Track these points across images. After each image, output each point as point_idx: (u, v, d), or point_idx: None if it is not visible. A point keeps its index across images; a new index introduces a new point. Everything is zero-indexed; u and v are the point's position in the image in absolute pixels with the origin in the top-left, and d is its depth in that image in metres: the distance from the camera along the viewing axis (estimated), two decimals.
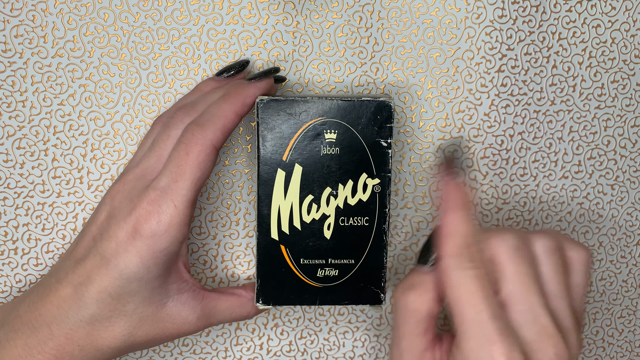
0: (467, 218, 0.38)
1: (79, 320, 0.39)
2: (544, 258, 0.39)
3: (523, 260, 0.38)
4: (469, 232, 0.38)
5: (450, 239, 0.38)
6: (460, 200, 0.39)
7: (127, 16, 0.44)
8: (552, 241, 0.40)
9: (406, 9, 0.45)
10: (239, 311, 0.43)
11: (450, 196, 0.39)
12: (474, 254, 0.37)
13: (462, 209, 0.38)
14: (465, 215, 0.38)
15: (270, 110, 0.40)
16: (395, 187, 0.47)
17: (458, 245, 0.37)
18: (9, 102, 0.45)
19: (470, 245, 0.38)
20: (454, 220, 0.38)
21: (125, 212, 0.39)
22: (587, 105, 0.48)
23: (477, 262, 0.37)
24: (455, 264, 0.37)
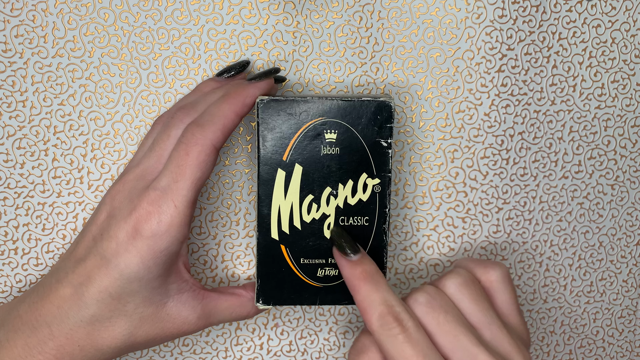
0: (374, 287, 0.38)
1: (79, 320, 0.39)
2: (458, 296, 0.39)
3: (438, 311, 0.38)
4: (382, 298, 0.38)
5: (368, 314, 0.38)
6: (361, 274, 0.39)
7: (127, 16, 0.44)
8: (459, 277, 0.40)
9: (406, 9, 0.45)
10: (239, 311, 0.43)
11: (350, 276, 0.39)
12: (398, 314, 0.37)
13: (366, 281, 0.38)
14: (371, 285, 0.38)
15: (271, 110, 0.40)
16: (395, 187, 0.47)
17: (378, 316, 0.37)
18: (9, 102, 0.45)
19: (391, 308, 0.37)
20: (363, 296, 0.38)
21: (125, 212, 0.39)
22: (587, 105, 0.48)
23: (404, 322, 0.37)
24: (382, 334, 0.37)
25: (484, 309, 0.39)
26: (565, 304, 0.50)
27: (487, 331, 0.39)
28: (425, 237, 0.48)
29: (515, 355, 0.38)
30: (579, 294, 0.50)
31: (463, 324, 0.38)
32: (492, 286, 0.41)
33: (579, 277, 0.50)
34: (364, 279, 0.38)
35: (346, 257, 0.40)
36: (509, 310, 0.41)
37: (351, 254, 0.40)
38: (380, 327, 0.37)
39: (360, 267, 0.39)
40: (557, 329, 0.51)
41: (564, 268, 0.50)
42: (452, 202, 0.48)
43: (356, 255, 0.40)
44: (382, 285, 0.38)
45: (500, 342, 0.38)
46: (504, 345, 0.38)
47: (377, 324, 0.37)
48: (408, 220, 0.48)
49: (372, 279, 0.38)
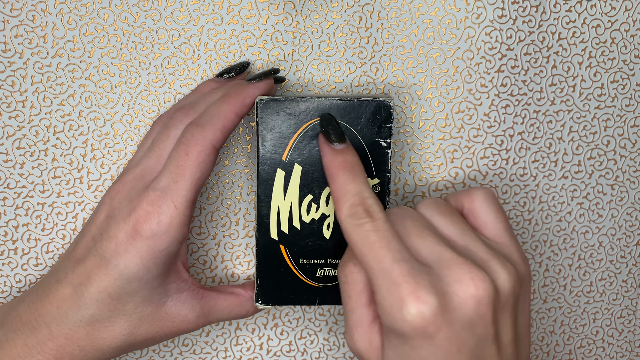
0: (351, 177, 0.37)
1: (79, 321, 0.39)
2: (429, 212, 0.38)
3: (406, 217, 0.37)
4: (357, 189, 0.37)
5: (340, 203, 0.37)
6: (341, 163, 0.38)
7: (127, 16, 0.44)
8: (432, 199, 0.39)
9: (406, 9, 0.45)
10: (237, 310, 0.43)
11: (330, 163, 0.38)
12: (369, 207, 0.36)
13: (344, 171, 0.38)
14: (349, 175, 0.37)
15: (270, 110, 0.40)
16: (395, 187, 0.47)
17: (349, 205, 0.36)
18: (8, 102, 0.45)
19: (364, 199, 0.37)
20: (339, 185, 0.37)
21: (125, 213, 0.39)
22: (587, 105, 0.47)
23: (374, 214, 0.36)
24: (350, 223, 0.36)
25: (455, 222, 0.38)
26: (565, 304, 0.50)
27: (460, 241, 0.37)
28: None
29: (492, 262, 0.36)
30: (578, 294, 0.50)
31: (430, 228, 0.37)
32: (474, 206, 0.40)
33: (579, 277, 0.50)
34: (343, 168, 0.38)
35: (330, 144, 0.39)
36: (494, 230, 0.39)
37: (336, 142, 0.39)
38: (349, 217, 0.36)
39: (342, 157, 0.38)
40: (557, 329, 0.51)
41: (563, 268, 0.50)
42: None
43: (341, 145, 0.39)
44: (359, 178, 0.37)
45: (473, 251, 0.37)
46: (477, 253, 0.37)
47: (346, 213, 0.36)
48: None
49: (352, 170, 0.38)
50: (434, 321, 0.34)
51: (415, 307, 0.34)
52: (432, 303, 0.34)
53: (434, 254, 0.36)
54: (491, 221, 0.39)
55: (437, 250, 0.36)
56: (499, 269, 0.36)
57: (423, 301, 0.34)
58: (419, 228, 0.37)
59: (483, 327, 0.35)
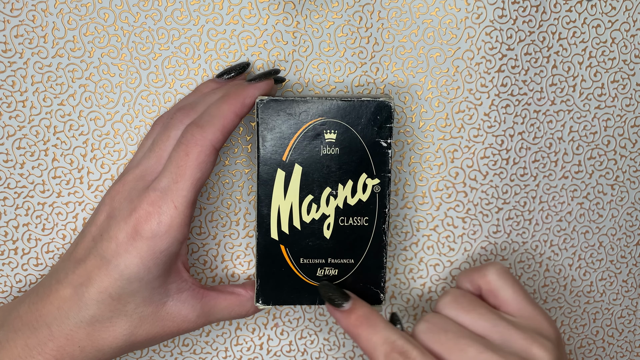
0: (372, 329, 0.39)
1: (80, 321, 0.39)
2: (453, 312, 0.39)
3: (439, 332, 0.38)
4: (383, 338, 0.38)
5: (374, 357, 0.38)
6: (356, 320, 0.39)
7: (127, 16, 0.44)
8: (449, 295, 0.40)
9: (406, 9, 0.45)
10: (238, 310, 0.43)
11: (347, 326, 0.40)
12: (402, 349, 0.37)
13: (363, 327, 0.39)
14: (369, 327, 0.39)
15: (270, 110, 0.40)
16: (395, 187, 0.47)
17: (384, 356, 0.38)
18: (9, 102, 0.45)
19: (394, 344, 0.38)
20: (365, 341, 0.39)
21: (125, 213, 0.39)
22: (587, 105, 0.47)
23: (408, 353, 0.37)
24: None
25: (483, 315, 0.39)
26: (565, 304, 0.50)
27: (495, 335, 0.38)
28: (425, 237, 0.48)
29: (533, 347, 0.37)
30: (578, 294, 0.50)
31: (467, 336, 0.38)
32: (492, 286, 0.41)
33: (579, 277, 0.50)
34: (360, 324, 0.39)
35: (339, 308, 0.40)
36: (516, 304, 0.40)
37: (343, 303, 0.40)
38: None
39: (354, 314, 0.39)
40: None
41: (563, 268, 0.50)
42: (452, 202, 0.48)
43: (348, 303, 0.40)
44: (380, 325, 0.39)
45: (511, 341, 0.38)
46: (516, 342, 0.38)
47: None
48: (408, 221, 0.48)
49: (369, 322, 0.39)
50: None
51: None
52: None
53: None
54: (512, 297, 0.40)
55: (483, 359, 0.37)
56: (542, 353, 0.37)
57: None
58: (456, 341, 0.38)
59: None
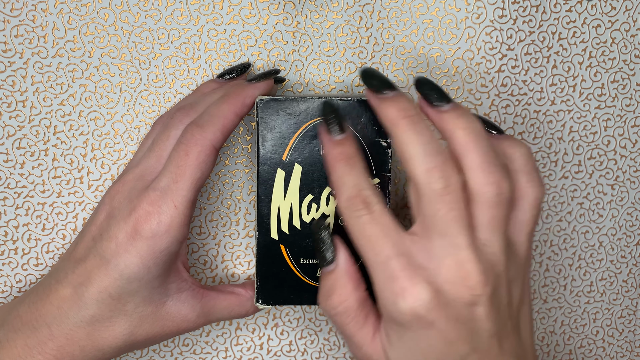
0: (348, 169, 0.37)
1: (79, 321, 0.39)
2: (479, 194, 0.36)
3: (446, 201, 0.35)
4: (354, 181, 0.37)
5: (338, 194, 0.37)
6: (339, 154, 0.37)
7: (127, 16, 0.44)
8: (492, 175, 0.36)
9: (406, 9, 0.45)
10: (237, 310, 0.43)
11: (329, 154, 0.38)
12: (366, 198, 0.36)
13: (342, 162, 0.37)
14: (346, 166, 0.37)
15: (270, 110, 0.40)
16: (395, 187, 0.47)
17: (347, 197, 0.36)
18: (9, 102, 0.45)
19: (361, 191, 0.36)
20: (337, 176, 0.37)
21: (125, 213, 0.39)
22: (587, 105, 0.48)
23: (371, 205, 0.36)
24: (348, 215, 0.36)
25: (495, 216, 0.36)
26: (565, 304, 0.50)
27: (482, 234, 0.36)
28: None
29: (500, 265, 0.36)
30: (579, 294, 0.50)
31: (464, 220, 0.35)
32: (522, 201, 0.38)
33: (579, 277, 0.50)
34: (340, 159, 0.37)
35: (330, 134, 0.38)
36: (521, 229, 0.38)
37: (335, 133, 0.38)
38: (347, 209, 0.36)
39: (340, 148, 0.38)
40: (557, 329, 0.51)
41: (564, 268, 0.50)
42: None
43: (340, 135, 0.38)
44: (357, 169, 0.37)
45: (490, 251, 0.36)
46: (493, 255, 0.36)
47: (345, 204, 0.36)
48: (408, 220, 0.48)
49: (349, 161, 0.37)
50: (427, 315, 0.34)
51: (411, 301, 0.34)
52: (426, 298, 0.34)
53: (450, 248, 0.35)
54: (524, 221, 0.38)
55: (455, 248, 0.35)
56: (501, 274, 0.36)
57: (417, 297, 0.34)
58: (448, 224, 0.35)
59: (478, 322, 0.35)
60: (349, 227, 0.36)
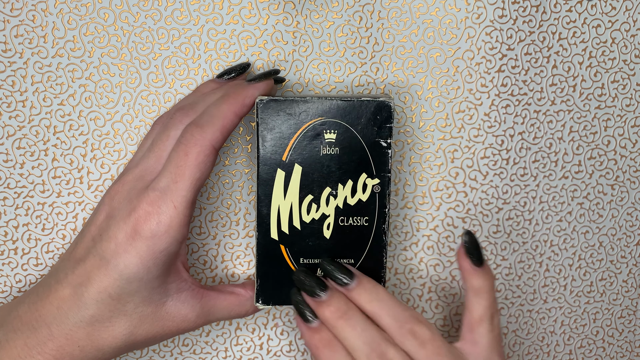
0: (332, 352, 0.40)
1: (79, 321, 0.39)
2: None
3: None
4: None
5: None
6: (319, 342, 0.40)
7: (127, 16, 0.44)
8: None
9: (406, 9, 0.45)
10: (237, 310, 0.43)
11: (309, 343, 0.41)
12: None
13: (325, 348, 0.40)
14: (330, 351, 0.40)
15: (270, 110, 0.40)
16: (395, 187, 0.47)
17: None
18: (9, 102, 0.45)
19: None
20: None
21: (124, 213, 0.39)
22: (587, 105, 0.47)
23: None
24: None
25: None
26: (565, 304, 0.50)
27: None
28: (425, 237, 0.48)
29: None
30: (579, 294, 0.50)
31: None
32: (478, 327, 0.42)
33: (579, 277, 0.50)
34: (322, 345, 0.40)
35: (305, 323, 0.41)
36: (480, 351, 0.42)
37: (310, 320, 0.41)
38: None
39: (319, 335, 0.40)
40: (557, 329, 0.51)
41: (564, 268, 0.50)
42: (452, 202, 0.48)
43: (315, 322, 0.41)
44: (340, 351, 0.40)
45: None
46: None
47: None
48: (408, 220, 0.48)
49: (330, 345, 0.40)
50: None
51: None
52: None
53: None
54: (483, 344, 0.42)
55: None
56: None
57: None
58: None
59: None
60: None
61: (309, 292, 0.40)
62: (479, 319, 0.41)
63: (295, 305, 0.41)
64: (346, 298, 0.40)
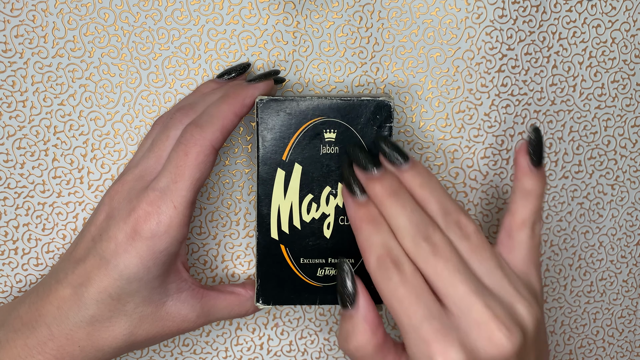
0: (376, 230, 0.38)
1: (79, 321, 0.39)
2: (467, 255, 0.38)
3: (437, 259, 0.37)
4: (383, 240, 0.37)
5: (367, 255, 0.37)
6: (364, 215, 0.38)
7: (127, 16, 0.44)
8: (470, 241, 0.38)
9: (406, 9, 0.45)
10: (237, 310, 0.43)
11: (354, 215, 0.39)
12: (396, 258, 0.37)
13: (368, 223, 0.38)
14: (373, 227, 0.38)
15: (270, 110, 0.40)
16: None
17: (376, 258, 0.37)
18: (9, 102, 0.45)
19: (390, 250, 0.37)
20: (363, 238, 0.38)
21: (124, 213, 0.39)
22: (587, 105, 0.47)
23: (400, 266, 0.36)
24: (379, 275, 0.37)
25: (484, 260, 0.38)
26: (565, 304, 0.50)
27: (488, 280, 0.37)
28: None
29: (518, 304, 0.37)
30: (579, 294, 0.50)
31: (463, 271, 0.37)
32: (517, 232, 0.39)
33: (579, 277, 0.50)
34: (365, 220, 0.38)
35: (353, 196, 0.39)
36: (521, 258, 0.39)
37: (357, 193, 0.39)
38: (377, 269, 0.37)
39: (365, 209, 0.38)
40: (557, 329, 0.51)
41: (564, 268, 0.50)
42: None
43: (362, 196, 0.39)
44: (384, 229, 0.38)
45: (501, 291, 0.37)
46: (505, 294, 0.37)
47: (374, 265, 0.37)
48: None
49: (375, 221, 0.38)
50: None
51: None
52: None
53: (464, 304, 0.36)
54: (523, 253, 0.39)
55: (466, 302, 0.36)
56: (525, 311, 0.36)
57: (452, 359, 0.35)
58: (450, 275, 0.36)
59: None
60: (379, 289, 0.37)
61: (363, 166, 0.39)
62: (522, 222, 0.39)
63: (346, 178, 0.39)
64: (398, 179, 0.39)
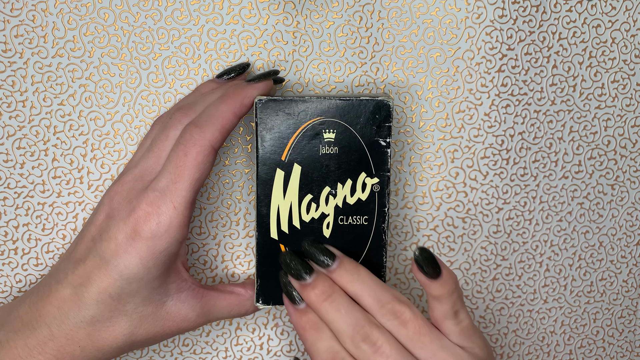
0: (319, 335, 0.40)
1: (80, 321, 0.39)
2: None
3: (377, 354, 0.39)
4: (327, 347, 0.40)
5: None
6: (306, 323, 0.40)
7: (127, 16, 0.44)
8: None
9: (406, 9, 0.45)
10: (237, 309, 0.43)
11: (296, 325, 0.41)
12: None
13: (311, 330, 0.40)
14: (316, 333, 0.40)
15: (269, 110, 0.40)
16: (395, 187, 0.47)
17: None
18: (9, 102, 0.45)
19: (336, 355, 0.39)
20: (311, 343, 0.40)
21: (124, 213, 0.39)
22: (588, 105, 0.47)
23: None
24: None
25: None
26: (565, 304, 0.50)
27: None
28: (425, 237, 0.48)
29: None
30: (579, 294, 0.50)
31: None
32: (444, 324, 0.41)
33: (579, 277, 0.50)
34: (308, 327, 0.40)
35: (293, 304, 0.41)
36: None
37: (297, 302, 0.41)
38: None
39: (306, 316, 0.40)
40: (557, 329, 0.51)
41: (564, 268, 0.50)
42: (452, 202, 0.48)
43: (302, 304, 0.40)
44: (326, 334, 0.39)
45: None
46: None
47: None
48: (408, 220, 0.48)
49: (316, 327, 0.40)
50: None
51: None
52: None
53: None
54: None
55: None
56: None
57: None
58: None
59: None
60: None
61: (295, 275, 0.40)
62: (443, 317, 0.40)
63: (283, 288, 0.41)
64: (331, 280, 0.40)
